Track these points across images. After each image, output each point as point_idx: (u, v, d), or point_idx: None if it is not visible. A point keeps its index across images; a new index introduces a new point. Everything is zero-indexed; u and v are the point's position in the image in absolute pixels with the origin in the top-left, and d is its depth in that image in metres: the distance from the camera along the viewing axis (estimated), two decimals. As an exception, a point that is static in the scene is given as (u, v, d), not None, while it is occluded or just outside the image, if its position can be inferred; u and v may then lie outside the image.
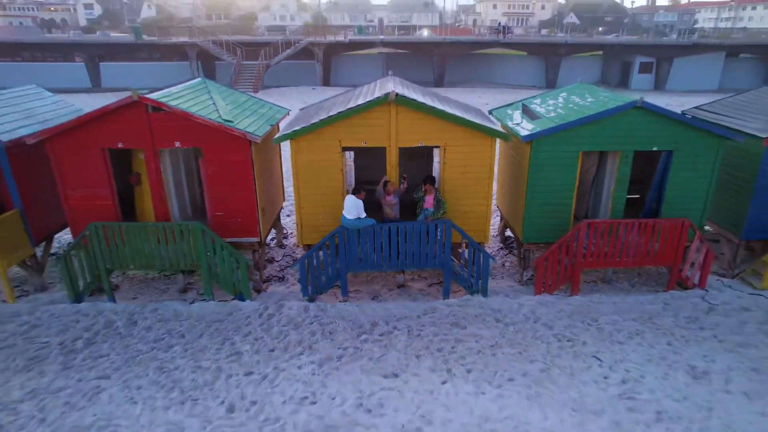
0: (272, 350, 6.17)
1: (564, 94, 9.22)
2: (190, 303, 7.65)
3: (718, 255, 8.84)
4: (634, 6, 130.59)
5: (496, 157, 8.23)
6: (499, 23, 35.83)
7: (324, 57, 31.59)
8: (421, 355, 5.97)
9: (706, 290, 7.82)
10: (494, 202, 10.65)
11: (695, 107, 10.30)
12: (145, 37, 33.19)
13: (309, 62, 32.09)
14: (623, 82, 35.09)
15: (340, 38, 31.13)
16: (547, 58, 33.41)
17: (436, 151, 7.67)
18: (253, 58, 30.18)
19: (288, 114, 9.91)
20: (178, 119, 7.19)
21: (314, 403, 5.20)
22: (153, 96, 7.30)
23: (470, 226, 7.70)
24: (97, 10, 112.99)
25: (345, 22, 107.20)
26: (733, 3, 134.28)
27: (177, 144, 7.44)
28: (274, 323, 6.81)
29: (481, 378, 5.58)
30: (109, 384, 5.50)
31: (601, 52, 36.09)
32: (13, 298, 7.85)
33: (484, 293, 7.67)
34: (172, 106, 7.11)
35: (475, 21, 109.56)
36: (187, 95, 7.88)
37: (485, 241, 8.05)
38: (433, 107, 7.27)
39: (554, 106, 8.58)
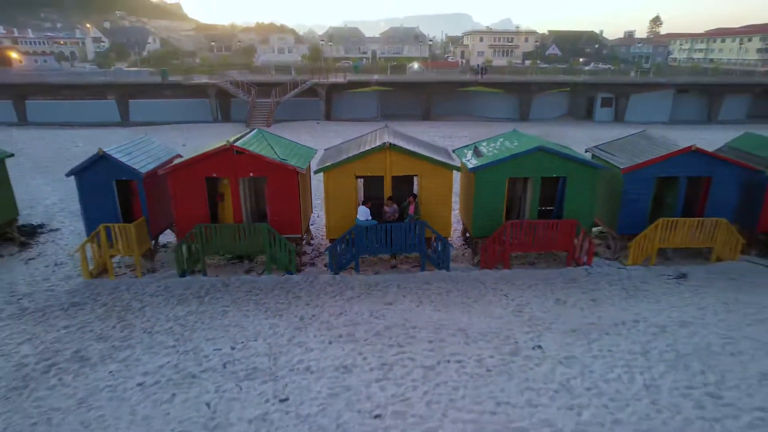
0: (318, 296, 10.38)
1: (501, 139, 13.64)
2: (258, 275, 11.86)
3: (603, 244, 13.20)
4: (612, 38, 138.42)
5: (457, 182, 12.63)
6: (478, 65, 40.72)
7: (326, 95, 36.33)
8: (405, 295, 10.21)
9: (591, 266, 12.12)
10: (457, 211, 15.05)
11: (595, 146, 14.72)
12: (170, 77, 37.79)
13: (313, 99, 36.74)
14: (588, 115, 40.04)
15: (340, 79, 35.84)
16: (521, 94, 38.40)
17: (415, 178, 12.01)
18: (264, 96, 34.79)
19: (316, 152, 14.25)
20: (253, 158, 11.50)
21: (347, 315, 9.39)
22: (238, 143, 11.62)
23: (438, 226, 11.98)
24: (107, 44, 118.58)
25: (340, 54, 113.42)
26: (704, 35, 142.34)
27: (251, 174, 11.75)
28: (316, 285, 11.02)
29: (438, 304, 9.80)
30: (229, 309, 9.69)
31: (568, 89, 41.08)
32: (141, 274, 12.02)
33: (447, 268, 11.92)
34: (250, 151, 11.44)
35: (462, 53, 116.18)
36: (255, 143, 12.22)
37: (448, 235, 12.33)
38: (413, 151, 11.63)
39: (493, 148, 12.99)
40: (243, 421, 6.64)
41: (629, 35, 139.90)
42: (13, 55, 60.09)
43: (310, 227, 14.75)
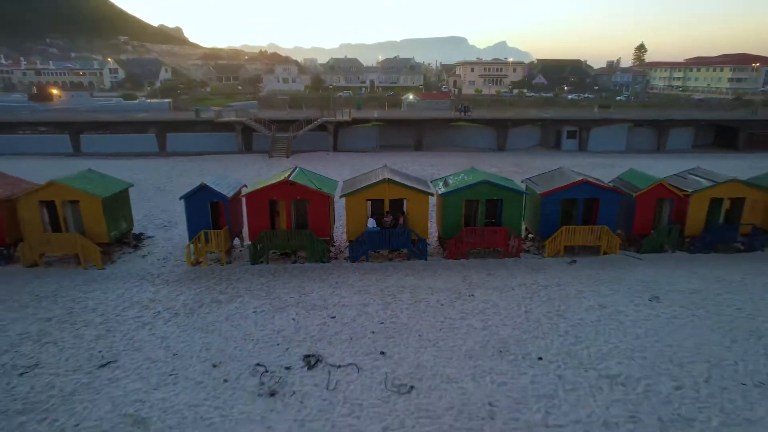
0: (344, 273, 16.73)
1: (462, 174, 20.18)
2: (301, 264, 18.24)
3: (532, 243, 19.66)
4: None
5: (432, 203, 19.11)
6: (462, 104, 47.54)
7: (334, 129, 43.10)
8: (397, 272, 16.61)
9: (520, 257, 18.53)
10: (434, 221, 21.49)
11: (527, 177, 21.25)
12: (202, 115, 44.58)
13: (323, 133, 43.45)
14: (557, 145, 46.87)
15: (346, 117, 42.62)
16: (498, 128, 45.28)
17: (405, 201, 18.49)
18: (283, 130, 41.52)
19: (338, 183, 20.73)
20: (301, 188, 17.98)
21: (362, 282, 15.75)
22: (291, 178, 18.08)
23: (419, 231, 18.40)
24: (121, 74, 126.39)
25: (341, 84, 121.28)
26: (683, 64, 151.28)
27: (298, 197, 18.22)
28: (341, 268, 17.39)
29: (418, 277, 16.15)
30: (290, 280, 16.05)
31: (540, 123, 47.98)
32: (225, 263, 18.37)
33: (425, 258, 18.32)
34: (299, 183, 17.92)
35: (455, 82, 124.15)
36: (302, 178, 18.71)
37: (426, 237, 18.75)
38: (403, 183, 18.13)
39: (456, 180, 19.51)
40: (313, 325, 12.98)
41: (611, 65, 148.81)
42: (54, 91, 67.18)
43: (334, 233, 21.16)
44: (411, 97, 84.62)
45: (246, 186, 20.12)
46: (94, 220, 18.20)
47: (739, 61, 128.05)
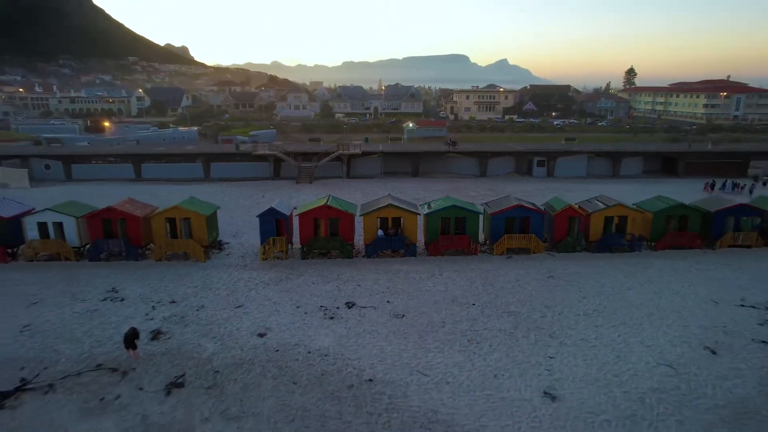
0: (362, 264, 26.56)
1: (440, 200, 30.13)
2: (334, 259, 28.09)
3: (485, 246, 29.59)
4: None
5: (421, 220, 29.04)
6: (450, 139, 57.68)
7: (347, 160, 53.22)
8: (397, 263, 26.42)
9: (477, 255, 28.34)
10: (421, 233, 31.43)
11: (484, 202, 31.17)
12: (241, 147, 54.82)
13: (337, 163, 53.58)
14: (529, 172, 56.84)
15: (357, 150, 52.74)
16: (480, 158, 55.35)
17: (402, 218, 28.42)
18: (306, 160, 51.62)
19: (358, 206, 30.67)
20: (335, 210, 27.92)
21: (376, 268, 25.57)
22: (328, 204, 28.04)
23: (412, 238, 28.27)
24: (146, 102, 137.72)
25: (347, 110, 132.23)
26: (665, 90, 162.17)
27: (333, 216, 28.15)
28: (361, 262, 27.23)
29: (409, 265, 25.91)
30: (333, 267, 25.91)
31: (514, 154, 57.99)
32: (285, 258, 28.26)
33: (414, 255, 28.16)
34: (333, 207, 27.89)
35: (452, 108, 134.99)
36: (334, 203, 28.67)
37: (416, 242, 28.59)
38: (400, 207, 28.10)
39: (436, 204, 29.44)
40: (348, 289, 22.79)
41: (597, 91, 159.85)
42: (105, 123, 77.88)
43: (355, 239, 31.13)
44: (411, 125, 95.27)
45: (296, 208, 30.08)
46: (199, 231, 28.16)
47: (714, 88, 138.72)
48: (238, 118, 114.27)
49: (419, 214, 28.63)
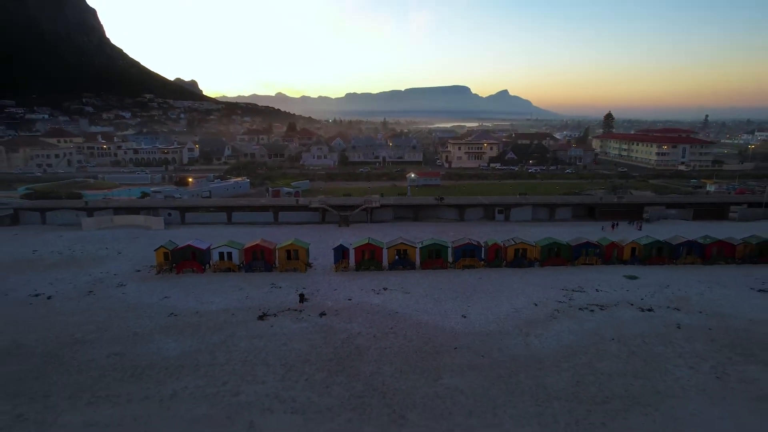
0: (387, 273, 52.63)
1: (430, 241, 56.39)
2: (373, 270, 54.25)
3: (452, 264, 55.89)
4: (555, 143, 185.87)
5: (418, 250, 55.30)
6: (438, 196, 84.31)
7: (370, 210, 79.64)
8: (406, 273, 52.51)
9: (447, 269, 54.37)
10: (418, 257, 57.96)
11: (452, 241, 57.49)
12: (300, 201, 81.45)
13: (363, 212, 79.99)
14: (493, 217, 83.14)
15: (377, 204, 79.13)
16: (459, 208, 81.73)
17: (407, 249, 54.60)
18: (343, 210, 78.01)
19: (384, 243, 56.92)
20: (372, 245, 54.13)
21: (396, 276, 51.65)
22: (369, 241, 54.29)
23: (413, 259, 54.36)
24: (196, 152, 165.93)
25: (360, 159, 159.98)
26: (628, 138, 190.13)
27: (371, 248, 54.38)
28: (389, 272, 53.34)
29: (411, 274, 51.93)
30: (377, 275, 52.02)
31: (483, 206, 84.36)
32: (346, 271, 54.44)
33: (414, 268, 54.25)
34: (371, 243, 54.14)
35: (447, 156, 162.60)
36: (373, 241, 54.92)
37: (415, 261, 54.70)
38: (407, 243, 54.41)
39: (425, 242, 55.70)
40: (390, 286, 48.84)
41: (568, 141, 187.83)
42: (190, 179, 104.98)
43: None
44: (413, 175, 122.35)
45: (351, 244, 56.29)
46: (302, 255, 54.40)
47: (665, 139, 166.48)
48: (274, 168, 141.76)
49: (417, 247, 54.78)
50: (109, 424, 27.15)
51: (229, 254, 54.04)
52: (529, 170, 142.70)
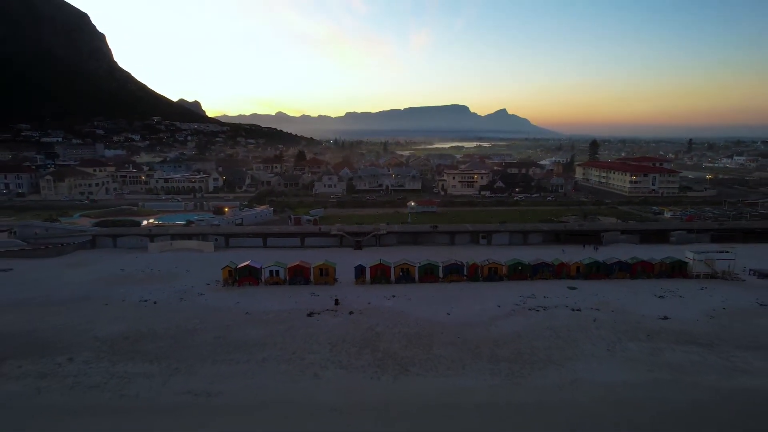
0: (395, 285, 71.64)
1: (425, 261, 75.47)
2: (384, 284, 73.28)
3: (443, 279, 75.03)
4: (539, 172, 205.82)
5: (417, 268, 74.37)
6: (432, 225, 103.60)
7: (378, 236, 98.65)
8: (409, 285, 71.54)
9: (438, 282, 73.34)
10: (418, 272, 77.21)
11: (443, 261, 76.62)
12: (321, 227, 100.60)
13: (373, 237, 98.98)
14: (477, 242, 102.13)
15: (384, 231, 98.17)
16: (450, 234, 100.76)
17: (409, 267, 73.62)
18: (356, 236, 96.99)
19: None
20: (383, 264, 73.14)
21: (401, 286, 70.66)
22: (381, 261, 73.33)
23: (413, 275, 73.31)
24: (220, 181, 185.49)
25: (366, 187, 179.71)
26: (607, 167, 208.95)
27: (382, 266, 73.40)
28: (396, 285, 72.36)
29: (413, 285, 70.84)
30: (390, 287, 71.01)
31: (469, 232, 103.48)
32: (364, 284, 73.43)
33: (414, 282, 73.26)
34: (382, 263, 73.15)
35: (443, 185, 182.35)
36: (383, 261, 73.95)
37: (414, 276, 73.69)
38: (408, 263, 73.49)
39: (423, 262, 74.76)
40: (397, 294, 67.77)
41: (549, 171, 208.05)
42: (226, 209, 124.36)
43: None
44: (413, 203, 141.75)
45: (368, 264, 75.22)
46: (331, 272, 73.38)
47: (637, 168, 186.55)
48: (290, 195, 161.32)
49: (416, 266, 73.72)
50: (231, 375, 45.70)
51: (277, 271, 72.88)
52: (515, 198, 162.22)
